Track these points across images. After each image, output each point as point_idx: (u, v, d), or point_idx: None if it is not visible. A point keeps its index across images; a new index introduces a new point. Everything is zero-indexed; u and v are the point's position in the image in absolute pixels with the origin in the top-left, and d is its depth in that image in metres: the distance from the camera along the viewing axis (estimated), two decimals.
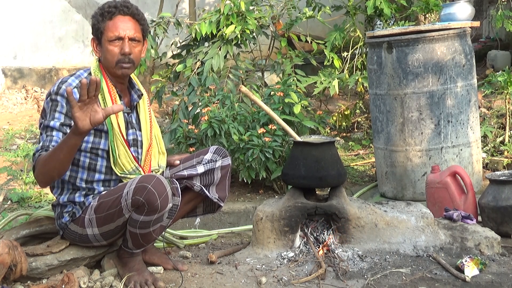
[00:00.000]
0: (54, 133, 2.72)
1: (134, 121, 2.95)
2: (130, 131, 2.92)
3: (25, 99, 7.87)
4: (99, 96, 2.82)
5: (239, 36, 5.29)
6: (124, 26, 2.83)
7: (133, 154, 2.89)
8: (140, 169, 2.91)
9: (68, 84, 2.79)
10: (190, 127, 4.68)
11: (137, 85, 3.00)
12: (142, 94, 2.99)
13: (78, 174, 2.85)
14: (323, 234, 3.17)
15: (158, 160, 3.05)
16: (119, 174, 2.86)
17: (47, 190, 4.37)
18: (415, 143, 4.26)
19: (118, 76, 2.88)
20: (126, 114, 2.92)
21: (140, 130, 2.97)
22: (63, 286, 2.70)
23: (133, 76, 2.99)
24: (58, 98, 2.76)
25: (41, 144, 2.70)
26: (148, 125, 3.00)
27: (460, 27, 4.26)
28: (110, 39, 2.82)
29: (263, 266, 3.07)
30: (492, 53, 7.61)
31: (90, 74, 2.87)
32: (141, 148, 2.95)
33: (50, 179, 2.70)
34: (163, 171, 3.08)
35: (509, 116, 5.16)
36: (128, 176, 2.87)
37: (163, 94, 5.64)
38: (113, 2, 2.87)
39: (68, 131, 2.73)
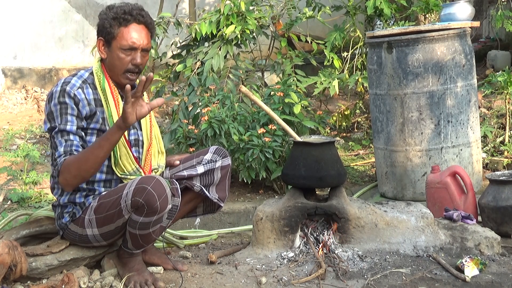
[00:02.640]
0: (72, 137, 2.72)
1: None
2: (132, 131, 2.92)
3: (25, 99, 7.87)
4: (102, 97, 2.82)
5: (239, 36, 5.29)
6: (138, 37, 2.82)
7: (134, 154, 2.89)
8: (141, 170, 2.91)
9: (72, 85, 2.78)
10: (190, 127, 4.68)
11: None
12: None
13: None
14: (323, 234, 3.17)
15: (158, 160, 3.05)
16: (120, 175, 2.86)
17: (47, 190, 4.38)
18: (415, 143, 4.26)
19: (120, 83, 2.86)
20: None
21: (141, 129, 2.97)
22: (63, 286, 2.71)
23: None
24: (67, 100, 2.75)
25: (62, 149, 2.70)
26: (148, 124, 3.00)
27: (460, 27, 4.26)
28: (124, 48, 2.81)
29: (263, 266, 3.07)
30: (492, 53, 7.60)
31: (91, 74, 2.87)
32: (142, 147, 2.95)
33: (82, 180, 2.74)
34: (162, 171, 3.08)
35: (509, 116, 5.16)
36: (129, 177, 2.86)
37: (163, 94, 5.64)
38: (127, 7, 2.83)
39: (83, 134, 2.76)
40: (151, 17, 2.91)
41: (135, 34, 2.82)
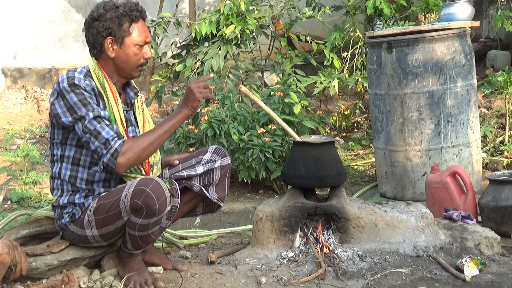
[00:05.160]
0: (107, 122, 2.75)
1: (132, 119, 2.96)
2: (130, 128, 2.92)
3: (25, 99, 7.87)
4: (103, 93, 2.83)
5: (239, 36, 5.29)
6: (147, 31, 2.91)
7: None
8: (141, 167, 2.90)
9: (78, 79, 2.77)
10: (190, 127, 4.68)
11: (132, 83, 3.01)
12: (138, 92, 3.01)
13: (78, 174, 2.85)
14: (323, 234, 3.17)
15: (153, 157, 3.03)
16: None
17: (47, 190, 4.37)
18: (415, 143, 4.26)
19: (131, 77, 2.93)
20: (125, 112, 2.91)
21: (138, 126, 2.97)
22: (63, 286, 2.71)
23: None
24: (82, 91, 2.76)
25: (111, 132, 2.71)
26: (142, 121, 2.99)
27: (460, 27, 4.26)
28: (140, 44, 2.87)
29: (263, 266, 3.07)
30: (492, 53, 7.60)
31: (89, 71, 2.86)
32: None
33: (140, 162, 2.80)
34: (160, 171, 3.07)
35: (509, 116, 5.16)
36: (129, 174, 2.86)
37: (163, 94, 5.64)
38: (130, 3, 2.87)
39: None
40: None
41: (144, 28, 2.89)
